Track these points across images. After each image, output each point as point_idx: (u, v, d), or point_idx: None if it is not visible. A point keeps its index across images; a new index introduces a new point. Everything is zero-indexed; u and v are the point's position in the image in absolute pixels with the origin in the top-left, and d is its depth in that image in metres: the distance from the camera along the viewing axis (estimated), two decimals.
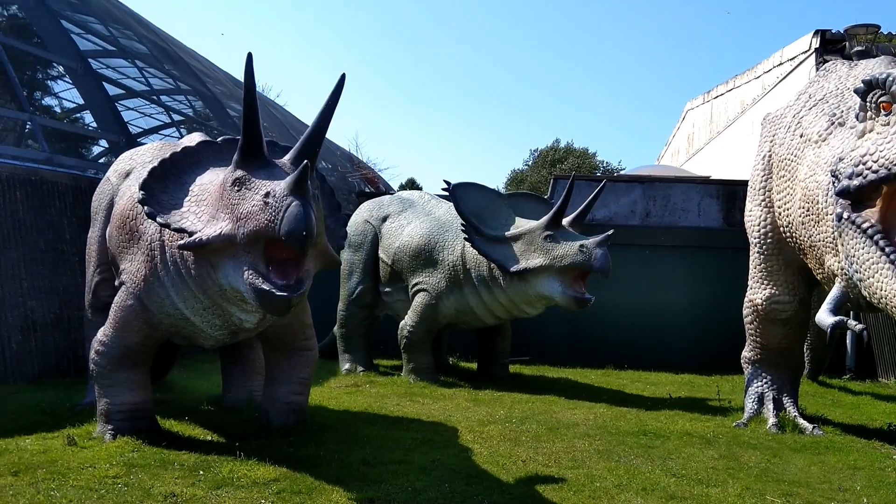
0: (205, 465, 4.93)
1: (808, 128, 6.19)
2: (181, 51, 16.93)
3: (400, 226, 9.58)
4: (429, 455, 5.45)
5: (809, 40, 12.41)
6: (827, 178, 5.42)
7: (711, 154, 19.38)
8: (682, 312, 11.52)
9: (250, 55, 4.64)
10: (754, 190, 7.23)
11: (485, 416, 6.97)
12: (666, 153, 26.10)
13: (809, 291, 7.08)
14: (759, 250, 7.15)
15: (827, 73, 6.92)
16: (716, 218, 12.17)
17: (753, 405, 7.19)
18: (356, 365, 9.76)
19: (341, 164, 19.85)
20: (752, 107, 15.97)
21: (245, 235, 4.58)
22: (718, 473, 5.22)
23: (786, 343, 7.18)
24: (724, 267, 11.10)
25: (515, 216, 8.78)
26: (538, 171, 41.98)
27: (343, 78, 4.90)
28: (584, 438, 6.19)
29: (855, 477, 5.25)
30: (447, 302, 8.94)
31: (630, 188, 12.38)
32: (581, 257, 7.91)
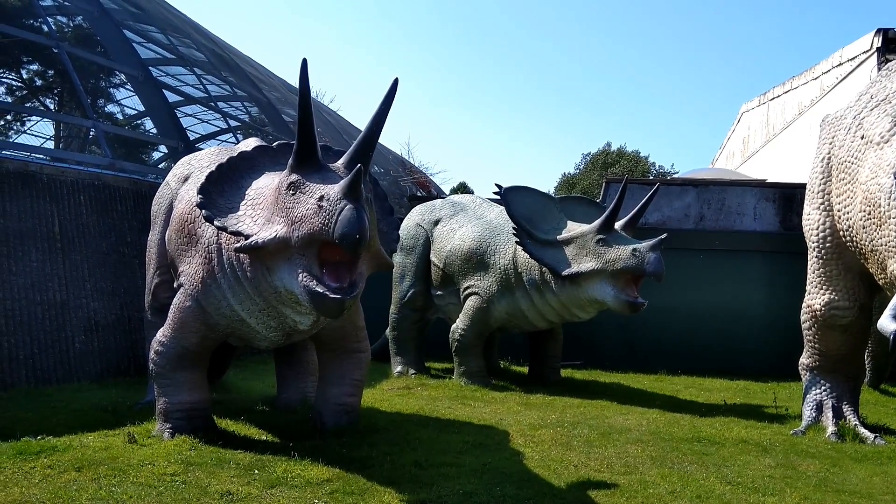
0: (260, 464, 5.02)
1: (869, 129, 6.03)
2: (237, 58, 17.29)
3: (451, 229, 9.61)
4: (480, 458, 5.46)
5: (871, 39, 12.07)
6: (890, 181, 5.28)
7: (767, 157, 18.99)
8: (737, 318, 11.31)
9: (305, 61, 4.72)
10: (812, 193, 7.06)
11: (536, 420, 6.95)
12: (720, 156, 25.65)
13: (871, 297, 6.89)
14: (817, 254, 6.99)
15: (890, 73, 6.73)
16: (772, 222, 11.91)
17: (812, 413, 7.02)
18: (408, 367, 9.82)
19: (394, 168, 20.00)
20: (809, 108, 15.61)
21: (300, 238, 4.66)
22: (775, 482, 5.12)
23: (845, 350, 7.00)
24: (781, 271, 10.87)
25: (567, 220, 8.74)
26: (590, 174, 41.69)
27: (396, 82, 4.96)
28: (636, 444, 6.13)
29: None
30: (499, 305, 8.94)
31: (684, 191, 12.20)
32: (634, 261, 7.83)
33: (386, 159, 20.38)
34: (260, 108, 16.30)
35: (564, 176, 46.31)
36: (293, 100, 16.37)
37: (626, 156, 43.27)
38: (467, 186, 35.08)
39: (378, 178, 16.59)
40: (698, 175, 16.14)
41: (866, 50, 12.39)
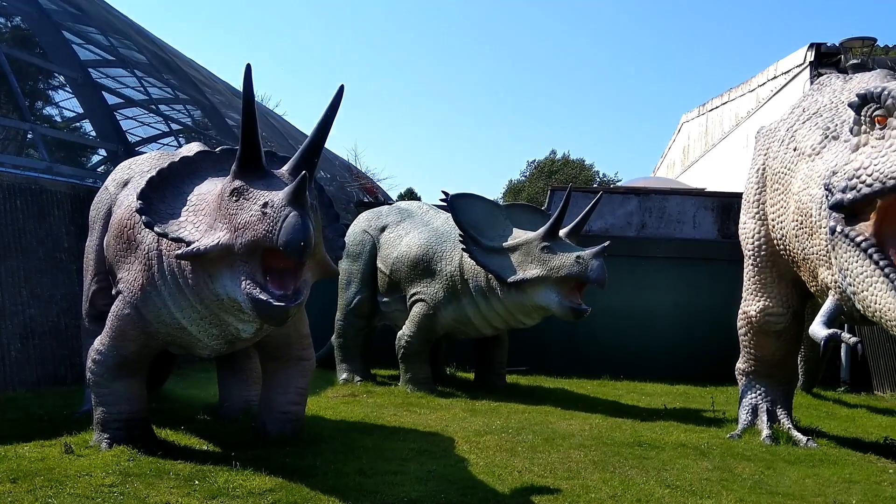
0: (200, 474, 4.94)
1: (801, 141, 6.24)
2: (180, 60, 17.00)
3: (398, 236, 9.61)
4: (425, 465, 5.47)
5: (804, 54, 12.50)
6: (820, 192, 5.46)
7: (706, 166, 19.46)
8: (677, 323, 11.55)
9: (249, 66, 4.69)
10: (748, 202, 7.28)
11: (481, 427, 6.99)
12: (662, 165, 26.19)
13: (803, 304, 7.12)
14: (752, 262, 7.20)
15: (821, 87, 6.98)
16: (710, 230, 12.22)
17: (747, 417, 7.21)
18: (353, 375, 9.77)
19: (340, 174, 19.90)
20: (746, 120, 16.06)
21: (243, 245, 4.61)
22: (712, 485, 5.25)
23: (779, 355, 7.22)
24: (719, 279, 11.13)
25: (513, 227, 8.82)
26: (535, 182, 42.12)
27: (342, 89, 4.95)
28: (579, 449, 6.21)
29: (850, 491, 5.27)
30: (445, 312, 8.97)
31: (626, 200, 12.43)
32: (578, 268, 7.96)
33: (332, 165, 20.27)
34: (203, 111, 16.06)
35: (510, 183, 46.71)
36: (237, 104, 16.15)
37: (570, 164, 43.83)
38: (414, 192, 35.13)
39: (324, 183, 16.50)
40: (640, 184, 16.46)
41: (800, 64, 12.81)
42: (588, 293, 8.36)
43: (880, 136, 4.69)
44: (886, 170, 4.48)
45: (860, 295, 4.84)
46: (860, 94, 4.85)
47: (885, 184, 4.50)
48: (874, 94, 4.71)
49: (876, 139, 4.74)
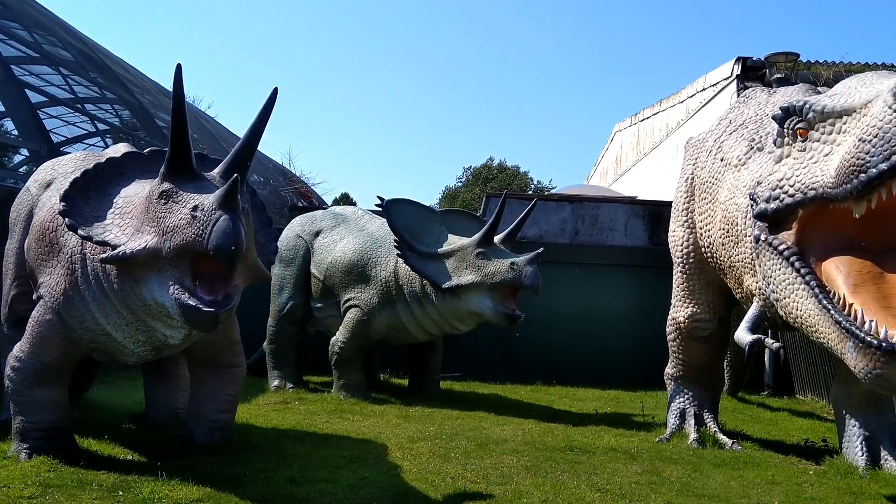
0: (125, 485, 4.79)
1: (728, 152, 6.41)
2: (108, 59, 16.51)
3: (332, 241, 9.53)
4: (357, 473, 5.42)
5: (731, 67, 12.88)
6: (746, 201, 5.62)
7: (638, 175, 19.88)
8: (608, 329, 11.74)
9: (179, 66, 4.59)
10: (677, 211, 7.45)
11: (415, 433, 6.97)
12: (595, 173, 26.65)
13: (729, 310, 7.32)
14: (681, 270, 7.37)
15: (747, 100, 7.20)
16: (641, 237, 12.47)
17: (676, 421, 7.37)
18: (285, 381, 9.63)
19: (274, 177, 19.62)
20: (676, 130, 16.47)
21: (171, 249, 4.51)
22: (641, 488, 5.34)
23: (706, 360, 7.40)
24: (650, 285, 11.35)
25: (448, 233, 8.85)
26: (471, 188, 42.36)
27: (275, 92, 4.89)
28: (512, 454, 6.25)
29: (773, 492, 5.43)
30: (379, 318, 8.93)
31: (560, 207, 12.59)
32: (512, 274, 8.02)
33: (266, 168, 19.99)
34: (131, 111, 15.62)
35: (446, 189, 46.89)
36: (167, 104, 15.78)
37: (506, 170, 44.24)
38: (350, 197, 34.91)
39: (258, 187, 16.23)
40: (574, 191, 16.70)
41: (727, 77, 13.20)
42: (522, 299, 8.43)
43: (802, 149, 4.84)
44: (808, 181, 4.63)
45: (782, 301, 4.99)
46: (783, 107, 4.99)
47: (806, 195, 4.65)
48: (796, 108, 4.86)
49: (798, 151, 4.89)
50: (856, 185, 4.16)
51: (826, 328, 4.52)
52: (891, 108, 3.97)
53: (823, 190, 4.47)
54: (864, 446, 6.15)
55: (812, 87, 6.77)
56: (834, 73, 11.53)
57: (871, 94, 4.33)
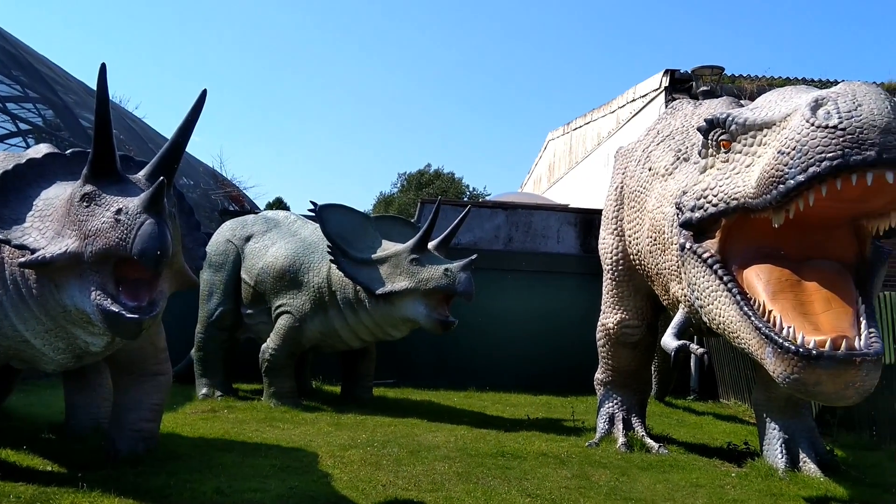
0: (44, 496, 4.61)
1: (656, 162, 6.57)
2: (31, 56, 15.93)
3: (264, 246, 9.39)
4: (287, 482, 5.34)
5: (660, 79, 13.19)
6: (672, 210, 5.76)
7: (571, 183, 20.17)
8: (541, 335, 11.86)
9: (103, 65, 4.46)
10: (607, 219, 7.59)
11: (346, 441, 6.91)
12: (529, 181, 26.94)
13: (657, 316, 7.48)
14: (611, 277, 7.51)
15: (674, 111, 7.39)
16: (573, 245, 12.66)
17: (605, 425, 7.49)
18: (214, 389, 9.43)
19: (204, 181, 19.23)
20: (607, 140, 16.77)
21: (93, 254, 4.37)
22: (570, 493, 5.40)
23: (635, 365, 7.55)
24: (581, 292, 11.53)
25: (382, 239, 8.82)
26: (406, 194, 42.37)
27: (204, 93, 4.79)
28: (444, 461, 6.25)
29: (697, 494, 5.56)
30: (311, 324, 8.83)
31: (494, 214, 12.69)
32: (445, 281, 8.04)
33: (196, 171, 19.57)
34: (55, 111, 15.09)
35: (381, 195, 46.78)
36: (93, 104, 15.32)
37: (441, 177, 44.38)
38: (283, 202, 34.43)
39: (187, 190, 15.90)
40: (508, 198, 16.85)
41: (656, 88, 13.51)
42: (455, 305, 8.46)
43: (725, 160, 4.99)
44: (730, 191, 4.77)
45: (706, 308, 5.12)
46: (707, 119, 5.14)
47: (728, 204, 4.79)
48: (720, 120, 5.01)
49: (721, 162, 5.03)
50: (775, 196, 4.30)
51: (747, 334, 4.66)
52: (808, 122, 4.12)
53: (745, 200, 4.61)
54: (784, 449, 6.35)
55: (735, 100, 6.98)
56: (757, 87, 11.93)
57: (789, 108, 4.48)
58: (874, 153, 3.90)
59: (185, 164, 16.63)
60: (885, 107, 4.00)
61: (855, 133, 3.95)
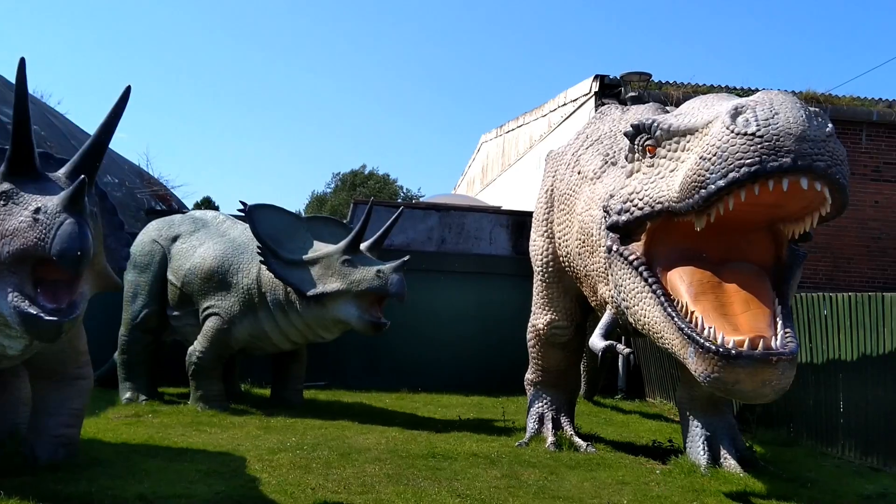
0: None
1: (585, 166, 6.70)
2: None
3: (192, 246, 9.20)
4: (213, 487, 5.25)
5: (590, 84, 13.42)
6: (600, 213, 5.88)
7: (503, 185, 20.36)
8: (473, 336, 11.93)
9: (23, 60, 4.32)
10: (538, 221, 7.70)
11: (275, 444, 6.82)
12: (462, 183, 27.08)
13: (585, 317, 7.62)
14: (541, 278, 7.61)
15: (602, 116, 7.54)
16: (505, 246, 12.78)
17: (534, 425, 7.59)
18: (138, 394, 9.18)
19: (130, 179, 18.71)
20: (539, 143, 16.98)
21: (10, 254, 4.21)
22: (500, 492, 5.46)
23: (564, 365, 7.68)
24: (513, 293, 11.63)
25: (314, 240, 8.74)
26: (340, 194, 42.10)
27: (128, 90, 4.69)
28: (374, 463, 6.23)
29: (622, 491, 5.69)
30: (240, 326, 8.70)
31: (427, 215, 12.71)
32: (378, 282, 8.02)
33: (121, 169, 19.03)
34: None
35: (314, 194, 46.37)
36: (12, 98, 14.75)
37: (375, 177, 44.26)
38: (212, 202, 33.75)
39: (112, 189, 15.45)
40: (441, 200, 16.89)
41: (586, 93, 13.74)
42: (388, 307, 8.44)
43: (650, 164, 5.12)
44: (655, 195, 4.90)
45: (632, 309, 5.25)
46: (634, 124, 5.27)
47: (653, 208, 4.92)
48: (646, 125, 5.14)
49: (647, 167, 5.16)
50: (697, 200, 4.44)
51: (670, 334, 4.80)
52: (728, 129, 4.26)
53: (669, 204, 4.75)
54: (706, 446, 6.54)
55: (661, 106, 7.17)
56: (683, 94, 12.24)
57: (711, 115, 4.63)
58: (790, 160, 4.07)
59: (110, 162, 16.16)
60: (801, 115, 4.17)
61: (772, 140, 4.11)
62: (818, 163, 4.08)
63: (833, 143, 4.17)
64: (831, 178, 4.12)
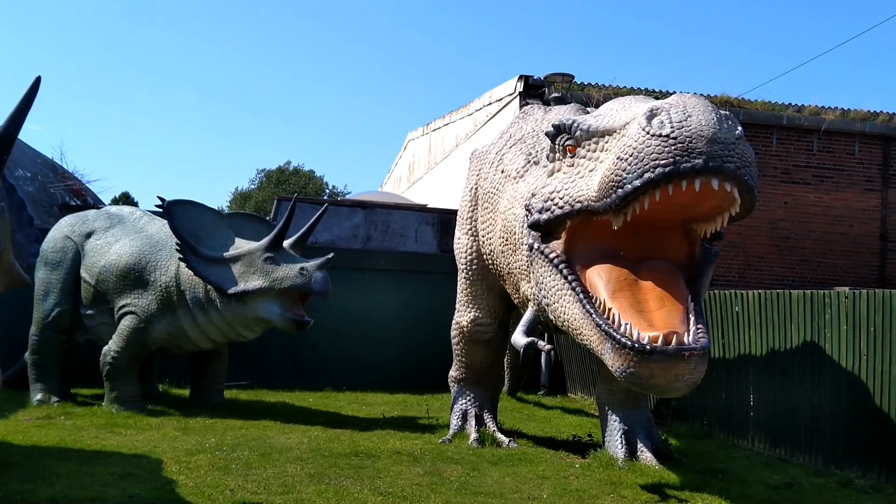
0: None
1: (508, 164, 6.77)
2: None
3: (107, 243, 8.92)
4: (127, 490, 5.12)
5: (515, 84, 13.57)
6: (522, 212, 5.95)
7: (430, 183, 20.40)
8: (399, 334, 11.92)
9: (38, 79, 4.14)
10: (462, 219, 7.75)
11: (193, 446, 6.67)
12: (389, 180, 27.03)
13: (508, 315, 7.71)
14: (465, 276, 7.67)
15: (525, 116, 7.64)
16: (431, 244, 12.82)
17: (458, 422, 7.64)
18: (49, 395, 8.85)
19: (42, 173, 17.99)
20: (465, 142, 17.09)
21: None
22: (422, 489, 5.47)
23: (487, 362, 7.75)
24: (438, 291, 11.65)
25: (235, 237, 8.60)
26: (264, 191, 41.42)
27: (38, 81, 4.49)
28: (296, 463, 6.17)
29: (542, 486, 5.78)
30: (158, 325, 8.48)
31: (353, 213, 12.65)
32: (301, 280, 7.93)
33: (34, 162, 18.28)
34: None
35: (237, 190, 45.51)
36: None
37: (301, 174, 43.70)
38: (131, 197, 32.78)
39: (23, 183, 14.84)
40: (367, 197, 16.81)
41: (511, 93, 13.89)
42: (311, 305, 8.37)
43: (571, 164, 5.21)
44: (574, 194, 5.00)
45: (552, 306, 5.34)
46: (555, 124, 5.36)
47: (573, 207, 5.02)
48: (566, 126, 5.23)
49: (567, 166, 5.26)
50: (614, 200, 4.55)
51: (589, 331, 4.90)
52: (644, 131, 4.38)
53: (587, 203, 4.85)
54: (624, 440, 6.71)
55: (582, 107, 7.32)
56: (604, 95, 12.48)
57: (629, 117, 4.75)
58: (701, 161, 4.21)
59: (21, 155, 15.53)
60: (712, 118, 4.32)
61: (685, 142, 4.24)
62: (728, 164, 4.23)
63: (742, 145, 4.33)
64: (740, 179, 4.28)
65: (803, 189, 13.50)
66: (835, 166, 13.62)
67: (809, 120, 13.44)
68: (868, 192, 13.72)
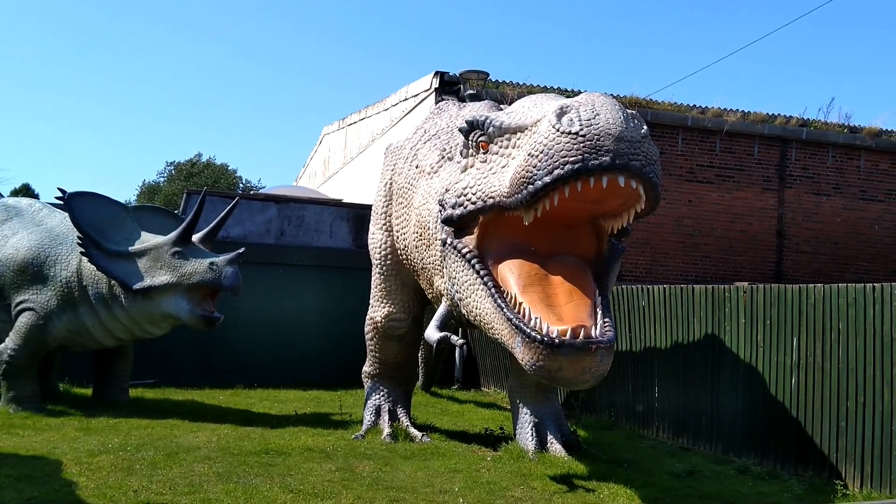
0: None
1: (422, 160, 6.78)
2: None
3: (3, 237, 8.51)
4: (25, 493, 4.92)
5: (431, 80, 13.61)
6: (436, 207, 5.98)
7: (345, 178, 20.25)
8: (312, 330, 11.79)
9: None
10: (377, 214, 7.73)
11: (96, 446, 6.44)
12: (304, 175, 26.68)
13: (422, 310, 7.73)
14: (379, 271, 7.65)
15: (440, 112, 7.67)
16: (346, 239, 12.72)
17: (371, 417, 7.63)
18: None
19: None
20: (381, 136, 17.03)
21: None
22: (334, 486, 5.44)
23: (401, 358, 7.76)
24: (353, 287, 11.58)
25: (141, 231, 8.35)
26: (174, 184, 40.26)
27: None
28: (204, 462, 6.03)
29: (454, 479, 5.83)
30: (58, 322, 8.14)
31: (266, 207, 12.43)
32: (210, 275, 7.76)
33: None
34: None
35: (145, 183, 44.07)
36: None
37: (213, 167, 42.64)
38: (31, 189, 31.32)
39: None
40: (281, 192, 16.55)
41: (427, 89, 13.91)
42: (222, 301, 8.19)
43: (483, 160, 5.26)
44: (487, 190, 5.05)
45: (465, 301, 5.38)
46: (468, 120, 5.39)
47: (485, 202, 5.07)
48: (479, 122, 5.27)
49: (480, 162, 5.30)
50: (525, 196, 4.62)
51: (500, 325, 4.96)
52: (554, 128, 4.46)
53: (499, 199, 4.91)
54: (534, 432, 6.83)
55: (496, 104, 7.40)
56: (518, 93, 12.64)
57: (540, 114, 4.83)
58: (608, 158, 4.31)
59: None
60: (619, 117, 4.43)
61: (593, 140, 4.34)
62: (634, 162, 4.35)
63: (647, 143, 4.46)
64: (645, 176, 4.40)
65: (706, 188, 14.02)
66: (736, 166, 14.20)
67: (712, 121, 13.97)
68: (766, 191, 14.36)
